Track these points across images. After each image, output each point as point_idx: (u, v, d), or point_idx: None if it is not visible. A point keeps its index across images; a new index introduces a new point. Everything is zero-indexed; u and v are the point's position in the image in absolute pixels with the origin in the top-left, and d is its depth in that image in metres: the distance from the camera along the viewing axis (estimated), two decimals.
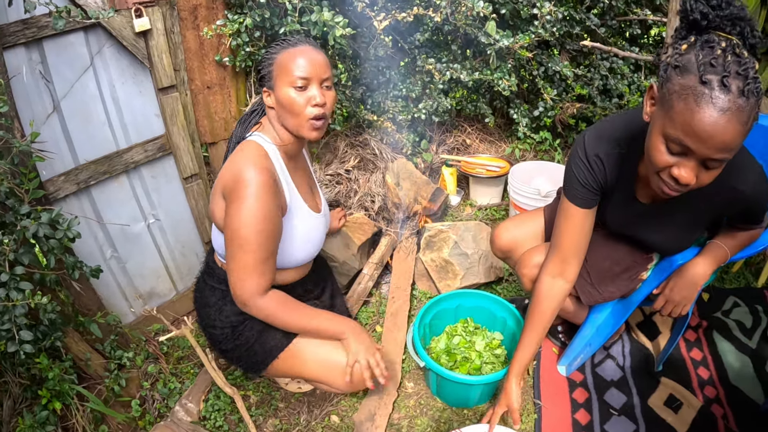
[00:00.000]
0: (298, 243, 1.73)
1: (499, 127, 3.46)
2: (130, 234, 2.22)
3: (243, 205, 1.47)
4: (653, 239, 1.57)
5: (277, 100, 1.58)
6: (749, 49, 1.09)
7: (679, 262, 1.63)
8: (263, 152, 1.60)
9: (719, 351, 2.10)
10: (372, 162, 2.98)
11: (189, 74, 2.29)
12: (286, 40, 1.64)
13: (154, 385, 2.10)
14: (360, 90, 3.00)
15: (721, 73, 1.02)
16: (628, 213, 1.54)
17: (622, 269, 1.73)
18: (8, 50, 1.72)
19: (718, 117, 1.02)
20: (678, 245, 1.58)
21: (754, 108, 1.03)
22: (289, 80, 1.54)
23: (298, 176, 1.76)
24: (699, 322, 2.25)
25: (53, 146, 1.90)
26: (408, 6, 2.69)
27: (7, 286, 1.50)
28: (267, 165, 1.55)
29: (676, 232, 1.52)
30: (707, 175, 1.14)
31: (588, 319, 1.90)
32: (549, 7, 2.60)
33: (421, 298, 2.49)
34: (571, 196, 1.51)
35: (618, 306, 1.85)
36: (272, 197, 1.51)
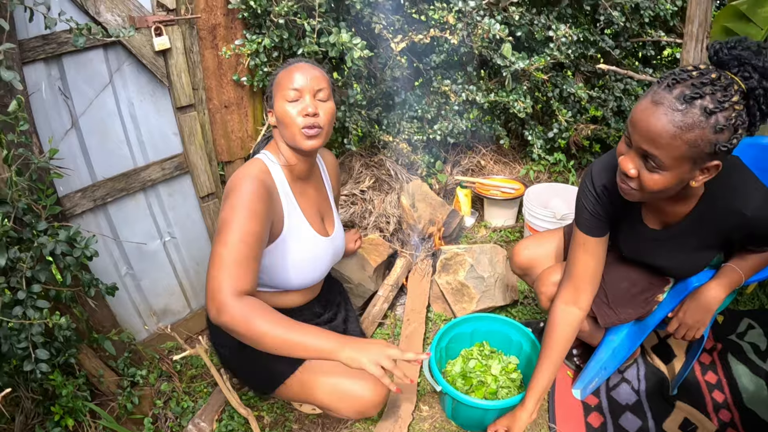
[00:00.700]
0: (299, 264, 1.69)
1: (513, 148, 3.46)
2: (145, 251, 2.22)
3: (229, 206, 1.46)
4: (667, 264, 1.58)
5: (277, 116, 1.61)
6: (747, 92, 1.11)
7: (694, 285, 1.62)
8: (264, 168, 1.62)
9: (734, 374, 2.08)
10: (387, 183, 2.98)
11: (207, 93, 2.31)
12: (287, 62, 1.69)
13: (167, 403, 2.08)
14: (376, 110, 3.01)
15: (675, 77, 1.11)
16: (640, 240, 1.56)
17: (638, 291, 1.73)
18: (28, 65, 1.74)
19: (649, 106, 1.11)
20: (691, 269, 1.58)
21: (700, 123, 1.07)
22: (283, 94, 1.58)
23: (305, 198, 1.74)
24: (714, 344, 2.23)
25: (71, 163, 1.91)
26: (424, 28, 2.71)
27: (24, 304, 1.50)
28: (263, 178, 1.56)
29: (687, 256, 1.52)
30: (648, 177, 1.18)
31: (603, 342, 1.89)
32: (564, 30, 2.61)
33: (436, 320, 2.47)
34: (582, 226, 1.55)
35: (634, 328, 1.84)
36: (261, 202, 1.49)
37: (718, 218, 1.34)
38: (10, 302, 1.48)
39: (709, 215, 1.30)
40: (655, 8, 2.89)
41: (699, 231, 1.42)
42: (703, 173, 1.19)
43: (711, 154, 1.12)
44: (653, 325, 1.79)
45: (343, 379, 1.66)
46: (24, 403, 1.80)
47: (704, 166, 1.16)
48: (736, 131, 1.10)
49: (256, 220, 1.46)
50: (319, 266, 1.77)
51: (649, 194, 1.23)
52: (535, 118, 3.22)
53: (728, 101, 1.08)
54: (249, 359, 1.74)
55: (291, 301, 1.79)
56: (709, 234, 1.42)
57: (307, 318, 1.81)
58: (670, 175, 1.16)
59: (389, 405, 1.99)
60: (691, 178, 1.19)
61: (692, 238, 1.45)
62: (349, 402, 1.65)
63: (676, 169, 1.15)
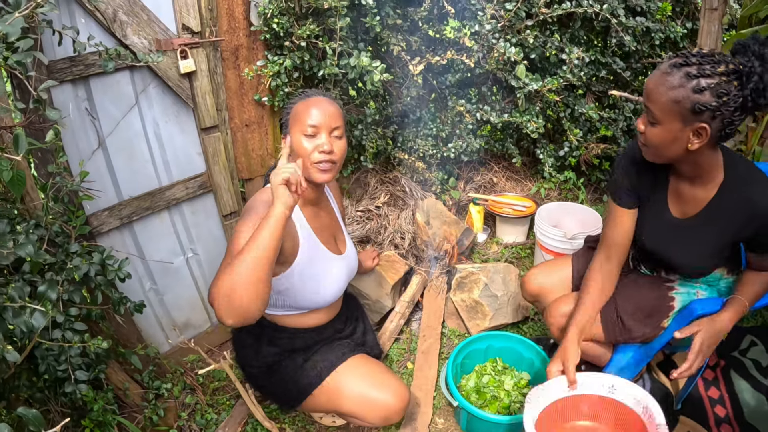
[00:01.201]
0: (318, 283, 1.77)
1: (525, 165, 3.52)
2: (168, 267, 2.28)
3: (244, 222, 1.52)
4: (680, 256, 1.64)
5: (292, 146, 1.66)
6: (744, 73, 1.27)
7: (698, 312, 1.67)
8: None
9: (736, 389, 2.13)
10: (402, 199, 3.04)
11: (229, 113, 2.36)
12: (304, 92, 1.75)
13: (191, 415, 2.14)
14: (391, 128, 3.07)
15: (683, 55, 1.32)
16: (662, 228, 1.64)
17: (645, 315, 1.79)
18: (55, 87, 1.74)
19: (654, 73, 1.37)
20: (700, 264, 1.64)
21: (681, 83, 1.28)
22: (301, 128, 1.64)
23: (317, 222, 1.81)
24: (717, 361, 2.28)
25: (98, 182, 1.97)
26: (441, 48, 2.77)
27: (63, 327, 1.55)
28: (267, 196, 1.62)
29: (700, 249, 1.59)
30: (650, 131, 1.40)
31: (611, 361, 1.94)
32: (577, 53, 2.67)
33: (450, 336, 2.53)
34: (615, 197, 1.70)
35: (640, 350, 1.89)
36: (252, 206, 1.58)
37: (733, 208, 1.45)
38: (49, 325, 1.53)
39: (725, 205, 1.44)
40: (665, 31, 2.95)
41: (715, 222, 1.51)
42: (696, 136, 1.34)
43: (694, 113, 1.29)
44: (658, 347, 1.84)
45: (367, 387, 1.75)
46: (54, 417, 1.85)
47: (693, 127, 1.32)
48: (720, 98, 1.26)
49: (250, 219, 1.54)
50: (337, 284, 1.84)
51: (654, 149, 1.43)
52: (547, 137, 3.27)
53: (712, 71, 1.26)
54: (277, 377, 1.81)
55: (317, 319, 1.86)
56: (723, 227, 1.51)
57: (330, 334, 1.90)
58: (664, 129, 1.36)
59: (406, 418, 2.05)
60: (686, 139, 1.35)
61: (708, 228, 1.53)
62: (375, 409, 1.74)
63: (667, 124, 1.35)
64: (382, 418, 1.76)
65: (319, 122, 1.64)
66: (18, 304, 1.33)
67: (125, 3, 1.85)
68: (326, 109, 1.66)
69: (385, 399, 1.74)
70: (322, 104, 1.67)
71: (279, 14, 2.32)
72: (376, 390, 1.75)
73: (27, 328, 1.32)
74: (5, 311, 1.31)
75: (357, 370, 1.80)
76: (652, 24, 2.85)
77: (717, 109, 1.27)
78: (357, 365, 1.82)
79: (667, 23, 2.96)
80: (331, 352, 1.84)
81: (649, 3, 2.89)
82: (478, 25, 2.60)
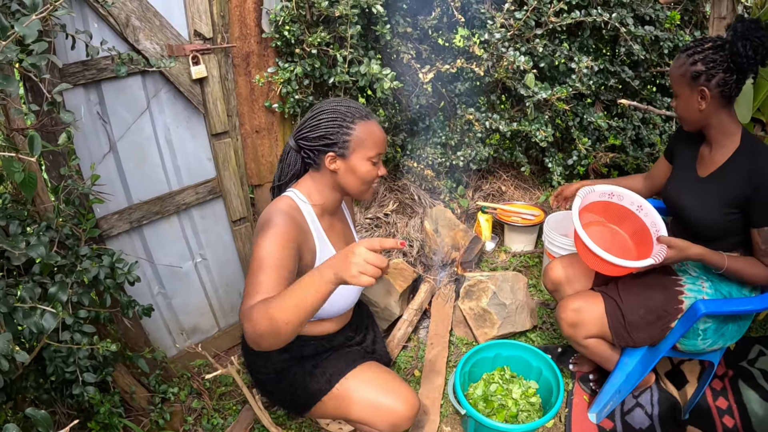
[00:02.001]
0: (333, 296, 1.73)
1: (533, 174, 3.51)
2: (177, 271, 2.29)
3: (261, 238, 1.52)
4: (690, 205, 1.83)
5: (350, 168, 1.65)
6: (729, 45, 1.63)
7: (702, 312, 1.68)
8: (294, 205, 1.67)
9: (744, 399, 2.14)
10: (410, 207, 3.04)
11: (239, 119, 2.37)
12: (355, 109, 1.67)
13: (197, 420, 2.14)
14: (401, 136, 3.08)
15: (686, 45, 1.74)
16: (684, 181, 1.90)
17: (654, 318, 1.81)
18: (67, 90, 1.80)
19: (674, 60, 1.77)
20: (705, 215, 1.78)
21: (683, 61, 1.70)
22: (368, 155, 1.64)
23: (333, 232, 1.81)
24: (725, 371, 2.29)
25: (108, 186, 1.98)
26: (451, 57, 2.78)
27: (71, 329, 1.56)
28: (295, 215, 1.63)
29: (706, 201, 1.77)
30: (675, 104, 1.79)
31: (618, 366, 1.96)
32: (586, 62, 2.67)
33: (458, 344, 2.52)
34: (664, 150, 2.11)
35: (646, 354, 1.91)
36: (290, 237, 1.55)
37: (739, 171, 1.69)
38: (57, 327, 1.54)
39: (733, 168, 1.71)
40: (674, 40, 2.95)
41: (723, 181, 1.74)
42: (701, 98, 1.68)
43: (693, 79, 1.67)
44: (665, 350, 1.85)
45: (377, 394, 1.73)
46: (60, 419, 1.86)
47: (696, 90, 1.68)
48: (708, 64, 1.64)
49: (288, 250, 1.53)
50: (351, 294, 1.83)
51: (681, 118, 1.80)
52: (555, 146, 3.27)
53: (702, 48, 1.67)
54: (286, 383, 1.80)
55: (328, 327, 1.86)
56: (729, 186, 1.71)
57: (340, 342, 1.89)
58: (681, 99, 1.74)
59: (413, 426, 2.04)
60: (695, 102, 1.70)
61: (717, 186, 1.75)
62: (384, 416, 1.72)
63: (681, 93, 1.73)
64: (390, 426, 1.74)
65: (382, 151, 1.68)
66: (28, 305, 1.34)
67: (138, 8, 1.87)
68: (384, 138, 1.69)
69: (395, 406, 1.73)
70: (381, 132, 1.69)
71: (290, 21, 2.34)
72: (385, 397, 1.74)
73: (37, 329, 1.32)
74: (15, 312, 1.32)
75: (367, 377, 1.79)
76: (660, 33, 2.85)
77: (708, 72, 1.65)
78: (367, 372, 1.81)
79: (675, 32, 2.96)
80: (341, 359, 1.83)
81: (658, 12, 2.89)
82: (488, 34, 2.61)
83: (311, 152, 1.67)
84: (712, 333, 1.80)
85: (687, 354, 1.90)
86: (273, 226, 1.53)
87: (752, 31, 1.60)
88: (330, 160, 1.64)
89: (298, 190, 1.72)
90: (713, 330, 1.79)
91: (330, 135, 1.63)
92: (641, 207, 1.94)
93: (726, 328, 1.79)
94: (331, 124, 1.64)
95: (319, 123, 1.64)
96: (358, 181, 1.66)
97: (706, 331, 1.79)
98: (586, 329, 1.88)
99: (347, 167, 1.65)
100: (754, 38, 1.59)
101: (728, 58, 1.63)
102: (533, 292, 2.85)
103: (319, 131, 1.64)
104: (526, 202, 3.29)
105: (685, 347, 1.84)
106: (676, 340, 1.81)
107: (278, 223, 1.54)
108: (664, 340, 1.83)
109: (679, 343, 1.84)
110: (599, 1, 2.68)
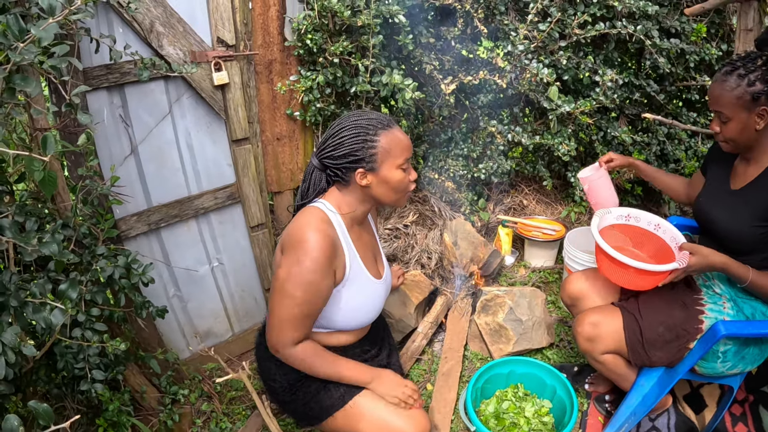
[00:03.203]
0: (357, 308, 1.75)
1: (555, 188, 3.46)
2: (193, 275, 2.31)
3: (296, 261, 1.54)
4: (720, 217, 1.80)
5: (381, 180, 1.64)
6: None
7: (721, 333, 1.63)
8: (325, 218, 1.65)
9: (765, 426, 2.06)
10: (430, 218, 3.02)
11: (260, 126, 2.40)
12: (375, 120, 1.67)
13: (206, 423, 2.15)
14: (422, 147, 3.07)
15: (727, 62, 1.69)
16: (716, 193, 1.88)
17: (673, 337, 1.76)
18: (91, 93, 1.84)
19: (712, 83, 1.69)
20: (733, 226, 1.75)
21: (737, 83, 1.61)
22: (397, 163, 1.62)
23: (361, 243, 1.79)
24: (746, 396, 2.21)
25: (129, 187, 2.02)
26: (474, 68, 2.76)
27: (83, 326, 1.58)
28: (328, 230, 1.61)
29: (736, 213, 1.75)
30: (724, 128, 1.70)
31: (634, 387, 1.90)
32: (611, 75, 2.63)
33: (472, 359, 2.48)
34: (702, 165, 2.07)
35: (664, 375, 1.85)
36: (327, 261, 1.57)
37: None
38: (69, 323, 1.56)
39: (765, 181, 1.68)
40: (700, 53, 2.88)
41: (755, 193, 1.71)
42: (759, 117, 1.63)
43: (754, 101, 1.60)
44: (682, 372, 1.79)
45: (389, 414, 1.71)
46: (70, 414, 1.88)
47: (756, 111, 1.62)
48: (767, 83, 1.58)
49: (319, 280, 1.56)
50: (375, 308, 1.83)
51: (732, 141, 1.71)
52: (579, 160, 3.21)
53: (754, 65, 1.60)
54: (299, 394, 1.78)
55: (344, 340, 1.83)
56: (764, 199, 1.68)
57: (356, 354, 1.85)
58: (735, 122, 1.66)
59: None
60: (753, 124, 1.64)
61: (748, 198, 1.73)
62: None
63: (736, 117, 1.65)
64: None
65: (409, 155, 1.67)
66: (39, 301, 1.36)
67: (162, 15, 1.91)
68: (409, 142, 1.68)
69: (403, 426, 1.69)
70: (405, 137, 1.67)
71: (313, 30, 2.36)
72: (396, 417, 1.71)
73: (45, 324, 1.35)
74: (26, 306, 1.34)
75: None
76: (686, 46, 2.79)
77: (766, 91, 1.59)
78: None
79: (701, 45, 2.89)
80: None
81: (684, 24, 2.82)
82: (511, 46, 2.60)
83: (338, 170, 1.66)
84: (732, 356, 1.73)
85: (705, 378, 1.84)
86: (310, 250, 1.54)
87: None
88: (360, 176, 1.62)
89: (327, 201, 1.70)
90: (733, 352, 1.73)
91: (356, 151, 1.61)
92: (659, 225, 1.92)
93: (747, 350, 1.73)
94: (354, 140, 1.62)
95: (342, 141, 1.62)
96: (392, 191, 1.65)
97: (726, 353, 1.73)
98: (604, 344, 1.83)
99: (379, 180, 1.63)
100: None
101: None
102: (552, 308, 2.80)
103: (343, 149, 1.62)
104: (547, 217, 3.24)
105: (704, 370, 1.78)
106: (695, 362, 1.75)
107: (314, 245, 1.55)
108: (681, 362, 1.78)
109: (697, 366, 1.77)
110: (624, 13, 2.64)
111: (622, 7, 2.55)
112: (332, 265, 1.60)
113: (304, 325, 1.62)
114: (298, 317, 1.59)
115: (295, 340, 1.62)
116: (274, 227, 2.60)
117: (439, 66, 2.74)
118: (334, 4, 2.25)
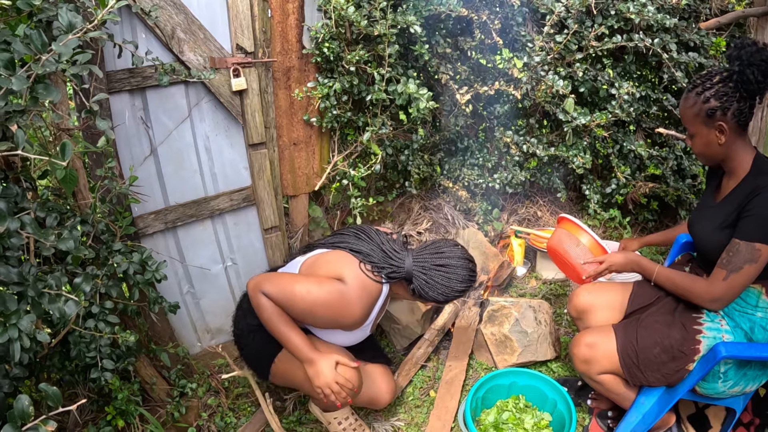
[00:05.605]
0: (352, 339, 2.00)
1: (570, 200, 3.46)
2: (207, 273, 2.38)
3: (339, 299, 1.80)
4: (702, 232, 1.84)
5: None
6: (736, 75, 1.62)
7: (722, 355, 1.62)
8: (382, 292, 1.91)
9: None
10: (444, 227, 3.05)
11: (278, 131, 2.46)
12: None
13: (212, 416, 2.21)
14: (438, 155, 3.11)
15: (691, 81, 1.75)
16: (702, 208, 1.92)
17: (669, 359, 1.76)
18: (113, 95, 1.93)
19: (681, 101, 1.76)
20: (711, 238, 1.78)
21: (695, 100, 1.67)
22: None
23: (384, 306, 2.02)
24: (751, 419, 2.15)
25: (147, 187, 2.09)
26: (490, 78, 2.79)
27: (96, 318, 1.66)
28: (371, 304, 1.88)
29: (714, 224, 1.77)
30: (691, 143, 1.78)
31: (634, 404, 1.89)
32: (627, 88, 2.63)
33: (477, 368, 2.50)
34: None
35: (664, 395, 1.84)
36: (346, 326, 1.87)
37: (745, 192, 1.68)
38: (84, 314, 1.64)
39: (741, 188, 1.70)
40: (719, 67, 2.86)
41: (732, 203, 1.72)
42: (719, 132, 1.67)
43: (709, 117, 1.66)
44: (682, 392, 1.79)
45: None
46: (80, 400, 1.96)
47: (714, 126, 1.66)
48: (721, 99, 1.62)
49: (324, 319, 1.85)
50: (358, 339, 2.03)
51: (701, 155, 1.78)
52: (594, 173, 3.21)
53: (711, 83, 1.65)
54: (257, 339, 1.98)
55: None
56: (734, 208, 1.70)
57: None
58: (699, 137, 1.73)
59: None
60: (713, 137, 1.69)
61: (726, 209, 1.74)
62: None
63: (698, 132, 1.72)
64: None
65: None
66: (54, 292, 1.44)
67: (184, 21, 1.98)
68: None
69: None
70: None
71: (330, 39, 2.41)
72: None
73: (60, 314, 1.42)
74: (42, 297, 1.42)
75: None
76: (705, 60, 2.77)
77: (722, 107, 1.63)
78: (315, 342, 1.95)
79: (720, 59, 2.88)
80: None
81: (703, 38, 2.80)
82: (527, 57, 2.62)
83: (421, 296, 1.94)
84: (733, 374, 1.72)
85: (706, 398, 1.82)
86: (352, 315, 1.83)
87: (756, 55, 1.60)
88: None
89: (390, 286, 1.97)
90: (734, 370, 1.72)
91: (444, 300, 1.97)
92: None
93: (748, 366, 1.71)
94: (452, 297, 1.96)
95: (447, 296, 1.94)
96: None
97: (726, 372, 1.72)
98: (600, 365, 1.84)
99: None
100: (759, 62, 1.59)
101: (739, 87, 1.62)
102: (559, 321, 2.80)
103: (440, 298, 1.94)
104: None
105: (705, 390, 1.77)
106: (695, 383, 1.74)
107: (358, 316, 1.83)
108: (681, 382, 1.77)
109: (698, 386, 1.76)
110: (642, 26, 2.63)
111: (640, 19, 2.56)
112: (337, 323, 1.87)
113: (285, 299, 1.79)
114: (287, 294, 1.79)
115: (270, 295, 1.80)
116: (288, 230, 2.66)
117: (454, 75, 2.78)
118: (351, 14, 2.30)
